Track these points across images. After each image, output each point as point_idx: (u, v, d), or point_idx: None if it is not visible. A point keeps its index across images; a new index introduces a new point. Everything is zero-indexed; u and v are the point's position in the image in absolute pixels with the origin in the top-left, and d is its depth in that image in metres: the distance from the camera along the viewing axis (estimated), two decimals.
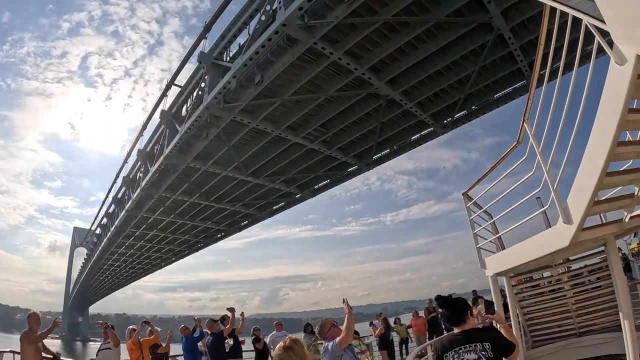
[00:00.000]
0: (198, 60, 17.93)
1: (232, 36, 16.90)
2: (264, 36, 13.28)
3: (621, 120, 2.33)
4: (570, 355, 5.73)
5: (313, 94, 16.31)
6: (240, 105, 16.47)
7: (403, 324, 11.00)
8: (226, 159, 21.92)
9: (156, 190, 26.31)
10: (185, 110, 21.98)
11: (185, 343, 6.77)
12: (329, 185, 26.21)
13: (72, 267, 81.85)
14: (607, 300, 5.34)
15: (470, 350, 2.24)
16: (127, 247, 41.62)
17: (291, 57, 14.05)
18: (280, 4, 12.86)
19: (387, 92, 16.12)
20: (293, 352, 1.80)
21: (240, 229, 35.59)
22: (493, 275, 4.58)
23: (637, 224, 3.80)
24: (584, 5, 2.40)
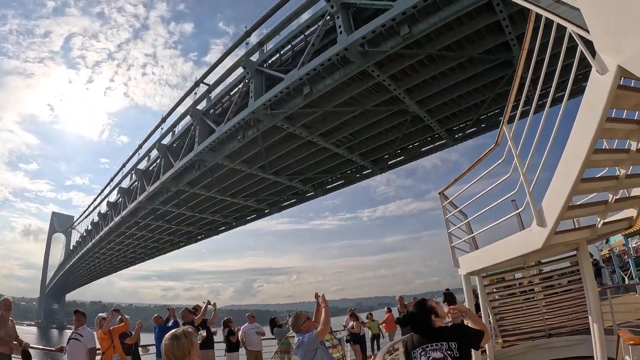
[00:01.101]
0: (242, 66, 18.91)
1: (280, 47, 18.10)
2: (324, 55, 14.73)
3: (599, 128, 2.34)
4: (539, 355, 5.72)
5: (351, 106, 17.96)
6: (285, 113, 17.78)
7: (375, 319, 10.80)
8: (254, 158, 23.03)
9: (175, 184, 26.77)
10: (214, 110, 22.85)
11: (158, 332, 6.56)
12: (341, 185, 27.99)
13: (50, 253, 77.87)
14: (577, 303, 5.37)
15: (437, 349, 2.26)
16: (126, 237, 41.09)
17: (342, 76, 15.60)
18: (341, 29, 14.40)
19: (415, 109, 18.12)
20: (177, 344, 1.67)
21: (245, 223, 36.51)
22: (466, 275, 4.49)
23: (609, 230, 3.86)
24: (569, 13, 2.40)
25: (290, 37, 17.66)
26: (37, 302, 76.58)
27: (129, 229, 38.16)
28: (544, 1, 2.63)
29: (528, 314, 5.96)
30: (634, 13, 1.81)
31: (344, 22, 14.59)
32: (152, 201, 30.25)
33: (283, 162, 23.52)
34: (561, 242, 3.29)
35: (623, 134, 2.83)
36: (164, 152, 27.16)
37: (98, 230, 43.06)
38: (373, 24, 13.41)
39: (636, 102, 2.53)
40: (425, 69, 15.86)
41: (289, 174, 24.94)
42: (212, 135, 20.74)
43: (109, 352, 5.12)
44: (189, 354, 1.67)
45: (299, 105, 17.29)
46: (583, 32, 2.27)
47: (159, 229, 38.52)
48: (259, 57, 19.39)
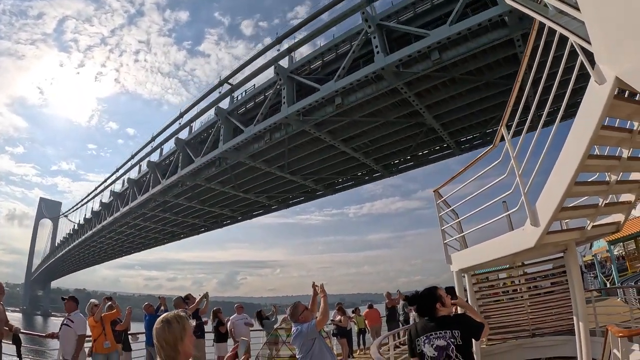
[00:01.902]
0: (275, 72, 20.03)
1: (312, 57, 19.36)
2: (361, 72, 16.18)
3: (594, 135, 2.40)
4: (523, 354, 5.75)
5: (376, 117, 19.50)
6: (315, 120, 19.12)
7: (361, 315, 10.94)
8: (274, 157, 24.21)
9: (193, 179, 27.49)
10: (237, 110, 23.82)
11: (148, 321, 6.52)
12: (350, 186, 29.61)
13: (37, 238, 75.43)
14: (561, 304, 5.40)
15: (440, 337, 2.29)
16: (129, 227, 41.18)
17: (374, 91, 17.11)
18: (378, 49, 15.87)
19: (431, 122, 19.88)
20: (169, 328, 1.52)
21: (251, 217, 37.62)
22: (458, 271, 4.52)
23: (597, 233, 3.92)
24: (572, 24, 2.44)
25: (324, 50, 18.92)
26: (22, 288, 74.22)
27: (133, 219, 38.34)
28: (549, 12, 2.65)
29: (513, 314, 6.03)
30: (634, 29, 1.84)
31: (380, 42, 16.06)
32: (166, 194, 30.77)
33: (301, 162, 24.84)
34: (552, 242, 3.35)
35: (616, 142, 2.92)
36: (182, 146, 27.79)
37: (100, 219, 42.80)
38: (410, 49, 14.96)
39: (630, 112, 2.63)
40: (446, 89, 17.60)
41: (304, 174, 26.29)
42: (240, 136, 21.76)
43: (100, 339, 5.05)
44: (182, 340, 1.55)
45: (329, 113, 18.67)
46: (585, 43, 2.33)
47: (164, 221, 38.90)
48: (289, 63, 20.60)
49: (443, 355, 2.25)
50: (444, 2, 16.07)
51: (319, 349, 3.29)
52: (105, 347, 5.04)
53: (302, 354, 3.32)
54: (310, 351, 3.27)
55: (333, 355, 3.52)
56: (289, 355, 6.69)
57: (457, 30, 13.88)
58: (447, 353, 2.25)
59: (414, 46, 14.87)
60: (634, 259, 14.61)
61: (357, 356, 9.59)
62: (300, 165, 25.16)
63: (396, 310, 10.25)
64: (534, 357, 5.79)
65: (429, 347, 2.28)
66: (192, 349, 1.61)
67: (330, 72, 19.85)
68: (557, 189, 2.77)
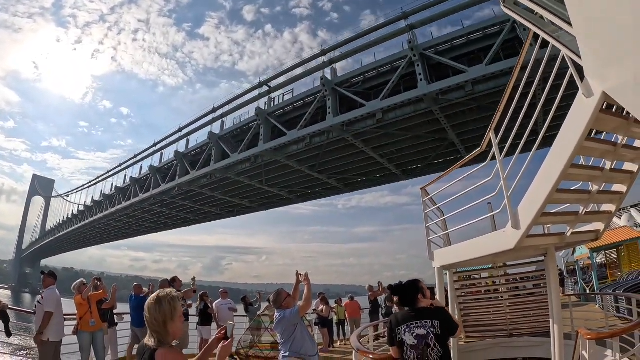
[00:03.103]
0: (322, 83, 22.63)
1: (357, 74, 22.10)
2: (405, 96, 19.16)
3: (578, 145, 2.53)
4: (500, 353, 5.87)
5: (407, 131, 22.57)
6: (356, 130, 21.98)
7: (343, 306, 11.10)
8: (308, 159, 26.90)
9: (224, 172, 29.74)
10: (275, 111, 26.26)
11: (135, 301, 6.53)
12: (367, 186, 32.74)
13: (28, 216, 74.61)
14: (539, 307, 5.53)
15: (420, 326, 2.42)
16: (144, 212, 42.78)
17: (412, 111, 20.13)
18: (421, 77, 18.83)
19: (453, 138, 23.17)
20: (160, 308, 1.57)
21: (267, 209, 40.19)
22: (439, 268, 4.65)
23: (577, 240, 4.11)
24: (565, 37, 2.52)
25: (369, 69, 21.67)
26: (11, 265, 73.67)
27: (150, 205, 40.01)
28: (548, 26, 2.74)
29: (492, 313, 6.16)
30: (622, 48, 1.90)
31: (422, 70, 19.01)
32: (193, 184, 32.83)
33: (331, 163, 27.69)
34: (532, 246, 3.46)
35: (599, 153, 3.03)
36: (215, 140, 29.89)
37: (113, 202, 44.08)
38: (450, 82, 18.03)
39: (614, 126, 2.74)
40: (471, 113, 20.85)
41: (330, 173, 29.17)
42: (283, 138, 24.30)
43: (86, 317, 5.13)
44: (172, 320, 1.58)
45: (369, 126, 21.58)
46: (575, 57, 2.41)
47: (180, 208, 40.77)
48: (332, 75, 23.26)
49: (422, 343, 2.39)
50: (479, 39, 19.17)
51: (300, 334, 3.41)
52: (90, 325, 5.15)
53: (283, 339, 3.45)
54: (292, 336, 3.40)
55: (313, 342, 3.65)
56: (270, 342, 7.07)
57: (492, 71, 17.02)
58: (426, 342, 2.39)
59: (454, 79, 17.94)
60: (614, 267, 15.56)
61: (337, 346, 9.82)
62: (328, 166, 28.00)
63: (378, 303, 10.40)
64: (510, 356, 5.95)
65: (410, 335, 2.41)
66: (181, 329, 1.66)
67: (369, 87, 22.76)
68: (539, 195, 2.90)
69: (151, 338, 1.58)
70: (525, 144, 3.06)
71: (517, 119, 3.13)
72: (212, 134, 30.25)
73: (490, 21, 18.60)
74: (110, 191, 46.66)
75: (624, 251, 14.28)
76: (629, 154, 3.10)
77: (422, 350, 2.40)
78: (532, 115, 3.25)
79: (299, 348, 3.39)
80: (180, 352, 1.66)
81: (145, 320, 1.59)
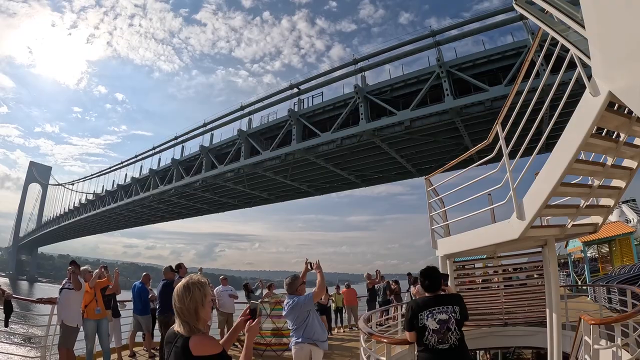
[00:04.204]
0: (355, 91, 25.92)
1: (388, 85, 25.46)
2: (432, 109, 22.71)
3: (583, 141, 2.72)
4: (495, 341, 6.25)
5: (429, 137, 26.22)
6: (385, 135, 25.48)
7: (341, 293, 11.40)
8: (335, 157, 30.28)
9: (253, 167, 32.81)
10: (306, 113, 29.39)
11: (140, 290, 6.78)
12: (383, 181, 36.51)
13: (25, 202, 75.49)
14: (534, 297, 5.92)
15: (443, 311, 2.64)
16: (161, 202, 45.41)
17: (436, 121, 23.70)
18: (447, 92, 22.37)
19: (468, 144, 26.96)
20: (190, 296, 1.59)
21: (284, 200, 43.54)
22: (443, 256, 4.87)
23: (576, 232, 4.40)
24: (573, 36, 2.69)
25: (399, 81, 25.05)
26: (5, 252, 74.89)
27: (169, 196, 42.71)
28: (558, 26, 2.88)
29: (488, 302, 6.40)
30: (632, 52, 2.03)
31: (449, 86, 22.54)
32: (218, 177, 35.75)
33: (355, 162, 31.19)
34: (533, 236, 3.69)
35: (602, 150, 3.23)
36: (244, 137, 32.82)
37: (129, 193, 46.46)
38: (473, 98, 21.64)
39: (618, 124, 2.94)
40: (487, 124, 24.57)
41: (352, 170, 32.71)
42: (316, 139, 27.58)
43: (91, 305, 5.33)
44: (203, 306, 1.61)
45: (397, 132, 25.10)
46: (584, 57, 2.57)
47: (198, 198, 43.56)
48: (362, 83, 26.54)
49: (444, 327, 2.62)
50: (498, 59, 22.71)
51: (312, 320, 3.66)
52: (96, 312, 5.33)
53: (296, 325, 3.66)
54: (305, 322, 3.63)
55: (324, 328, 3.86)
56: (271, 329, 7.32)
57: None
58: (447, 326, 2.63)
59: (477, 97, 21.57)
60: (606, 261, 16.02)
61: (335, 333, 10.14)
62: (352, 164, 31.51)
63: (375, 291, 10.72)
64: (505, 345, 6.21)
65: (432, 320, 2.63)
66: (210, 313, 1.72)
67: (397, 96, 26.13)
68: (544, 187, 3.11)
69: (181, 326, 1.59)
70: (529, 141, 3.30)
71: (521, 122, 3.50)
72: (242, 131, 33.12)
73: (510, 45, 22.12)
74: (124, 181, 48.91)
75: (616, 245, 14.89)
76: (629, 151, 3.32)
77: (443, 334, 2.60)
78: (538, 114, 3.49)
79: (312, 334, 3.59)
80: (213, 338, 1.68)
81: (175, 309, 1.61)
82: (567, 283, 15.28)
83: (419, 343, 2.71)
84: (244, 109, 34.16)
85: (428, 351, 2.65)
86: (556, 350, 3.77)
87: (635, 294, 5.19)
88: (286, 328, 6.65)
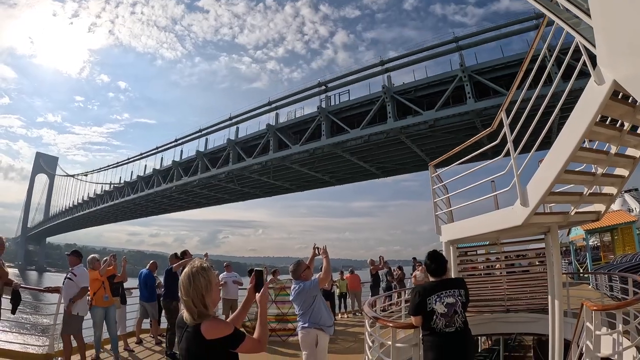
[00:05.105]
0: (383, 91, 29.35)
1: (413, 87, 28.92)
2: (455, 110, 26.35)
3: (587, 129, 2.81)
4: (497, 327, 6.43)
5: (450, 134, 29.92)
6: (410, 133, 29.12)
7: (345, 279, 11.73)
8: (360, 151, 33.86)
9: (281, 160, 36.23)
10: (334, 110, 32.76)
11: (146, 277, 7.07)
12: (401, 172, 40.34)
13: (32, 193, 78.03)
14: (537, 284, 6.06)
15: (450, 295, 2.77)
16: (182, 192, 48.76)
17: (457, 121, 27.36)
18: (470, 95, 25.97)
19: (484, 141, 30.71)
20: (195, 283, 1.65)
21: (303, 190, 47.24)
22: (447, 242, 5.00)
23: (579, 220, 4.54)
24: (579, 24, 2.78)
25: (424, 83, 28.50)
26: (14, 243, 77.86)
27: (192, 187, 46.03)
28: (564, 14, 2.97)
29: (491, 288, 6.74)
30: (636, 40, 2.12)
31: (471, 89, 26.10)
32: (245, 169, 39.17)
33: (378, 155, 34.86)
34: (536, 223, 3.83)
35: (605, 138, 3.37)
36: (273, 132, 36.13)
37: (151, 184, 49.66)
38: (493, 102, 25.25)
39: (622, 112, 3.06)
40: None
41: (375, 162, 36.40)
42: (346, 135, 31.13)
43: (99, 293, 5.57)
44: (209, 291, 1.67)
45: (422, 129, 28.74)
46: (589, 45, 2.65)
47: (221, 188, 46.94)
48: (388, 84, 29.94)
49: (452, 311, 2.75)
50: (515, 64, 26.21)
51: (318, 305, 3.80)
52: (104, 300, 5.61)
53: (302, 310, 3.82)
54: (311, 307, 3.76)
55: (330, 313, 4.03)
56: (275, 314, 7.54)
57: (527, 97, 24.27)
58: (454, 309, 2.76)
59: (496, 100, 25.15)
60: (608, 250, 16.29)
61: (339, 319, 10.35)
62: (375, 157, 35.19)
63: (379, 277, 11.17)
64: (506, 331, 6.44)
65: (440, 304, 2.75)
66: (219, 294, 1.82)
67: (420, 95, 29.63)
68: (548, 174, 3.23)
69: (190, 314, 1.64)
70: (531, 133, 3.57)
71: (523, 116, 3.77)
72: (270, 125, 36.41)
73: (524, 54, 25.56)
74: (143, 173, 52.01)
75: (618, 234, 15.33)
76: (633, 140, 3.49)
77: (450, 317, 2.76)
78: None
79: (318, 319, 3.77)
80: (224, 321, 1.75)
81: (182, 300, 1.68)
82: (569, 271, 15.49)
83: (425, 327, 2.85)
84: (271, 104, 37.33)
85: (435, 334, 2.78)
86: (558, 337, 3.94)
87: (636, 282, 5.40)
88: (290, 313, 7.33)
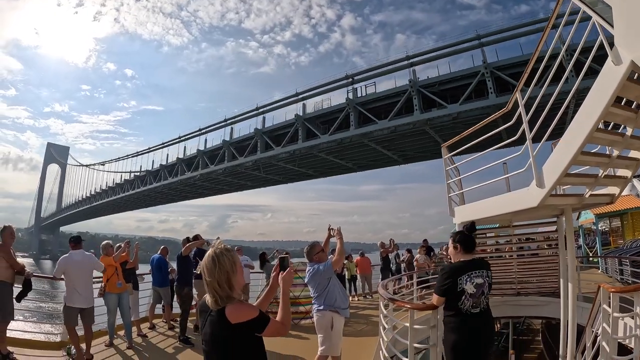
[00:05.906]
0: (410, 85, 32.92)
1: (437, 82, 32.50)
2: (479, 104, 30.07)
3: (604, 110, 2.85)
4: (508, 310, 6.56)
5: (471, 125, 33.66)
6: (435, 124, 32.87)
7: (354, 262, 12.11)
8: (385, 140, 37.57)
9: (309, 149, 39.84)
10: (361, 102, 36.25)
11: (159, 261, 7.25)
12: (421, 159, 44.20)
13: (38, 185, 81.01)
14: (548, 267, 6.26)
15: (479, 275, 2.84)
16: (204, 180, 52.21)
17: (480, 113, 31.05)
18: (492, 90, 29.65)
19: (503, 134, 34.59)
20: (220, 265, 1.65)
21: (326, 176, 51.01)
22: (460, 224, 5.02)
23: (593, 202, 4.64)
24: (596, 3, 2.82)
25: (449, 78, 32.04)
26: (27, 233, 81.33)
27: (217, 175, 49.58)
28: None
29: (502, 271, 6.90)
30: None
31: (493, 84, 29.73)
32: (273, 158, 42.76)
33: (401, 144, 38.64)
34: (551, 204, 3.91)
35: (622, 119, 3.44)
36: (301, 122, 39.62)
37: (175, 172, 53.16)
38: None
39: (638, 93, 3.08)
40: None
41: (396, 150, 40.20)
42: (374, 125, 34.81)
43: (112, 279, 5.78)
44: (234, 273, 1.67)
45: (445, 121, 32.48)
46: (607, 25, 2.70)
47: (245, 175, 50.53)
48: (414, 77, 33.44)
49: (480, 291, 2.82)
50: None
51: (333, 288, 3.94)
52: (118, 286, 5.81)
53: (317, 292, 3.96)
54: (326, 290, 3.90)
55: (345, 295, 4.16)
56: None
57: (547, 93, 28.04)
58: (482, 290, 2.84)
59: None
60: (617, 235, 16.46)
61: (349, 302, 10.64)
62: (398, 145, 38.97)
63: (389, 259, 11.44)
64: (516, 314, 6.66)
65: (470, 284, 2.80)
66: (243, 278, 1.76)
67: (444, 89, 33.20)
68: (564, 155, 3.27)
69: (215, 298, 1.64)
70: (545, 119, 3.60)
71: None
72: (298, 115, 39.88)
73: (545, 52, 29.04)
74: (166, 162, 55.38)
75: (627, 219, 15.50)
76: None
77: (477, 298, 2.81)
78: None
79: (333, 301, 3.89)
80: (250, 304, 1.74)
81: (206, 283, 1.66)
82: (578, 255, 15.69)
83: (450, 307, 2.88)
84: (298, 95, 40.67)
85: (460, 315, 2.82)
86: (571, 321, 4.09)
87: None
88: (303, 296, 7.64)
